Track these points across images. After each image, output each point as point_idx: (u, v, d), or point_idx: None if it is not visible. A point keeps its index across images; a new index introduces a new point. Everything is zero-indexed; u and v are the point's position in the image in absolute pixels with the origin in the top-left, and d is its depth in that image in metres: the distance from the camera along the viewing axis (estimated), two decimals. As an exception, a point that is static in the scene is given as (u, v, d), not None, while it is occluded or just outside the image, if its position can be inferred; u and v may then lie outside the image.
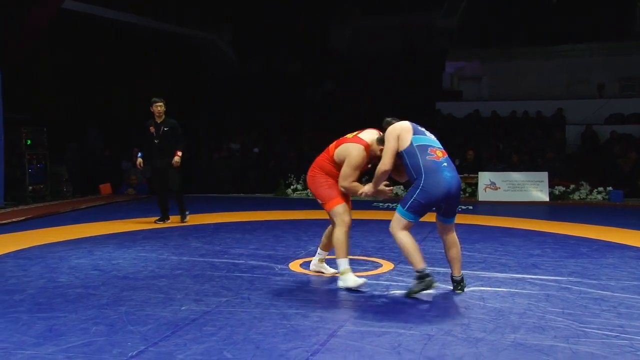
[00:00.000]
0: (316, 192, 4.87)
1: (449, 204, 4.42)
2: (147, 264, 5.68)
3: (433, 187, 4.29)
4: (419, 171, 4.35)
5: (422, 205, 4.35)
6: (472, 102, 18.49)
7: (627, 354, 3.26)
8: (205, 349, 3.33)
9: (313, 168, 4.95)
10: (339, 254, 4.69)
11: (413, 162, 4.38)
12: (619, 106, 16.79)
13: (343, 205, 4.74)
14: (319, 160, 4.93)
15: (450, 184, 4.33)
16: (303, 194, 13.44)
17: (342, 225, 4.69)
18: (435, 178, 4.31)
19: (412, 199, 4.35)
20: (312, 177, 4.92)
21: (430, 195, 4.30)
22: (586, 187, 12.29)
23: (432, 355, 3.24)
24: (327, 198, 4.77)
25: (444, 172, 4.35)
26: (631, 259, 5.94)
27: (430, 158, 4.38)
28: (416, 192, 4.33)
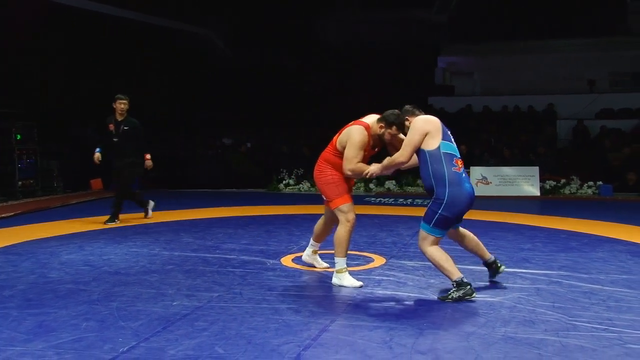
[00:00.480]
0: (322, 188, 4.80)
1: (464, 213, 4.43)
2: (139, 260, 5.66)
3: (457, 200, 4.25)
4: (443, 181, 4.26)
5: (448, 220, 4.30)
6: (464, 97, 18.52)
7: (615, 347, 3.28)
8: (197, 344, 3.33)
9: (320, 163, 4.88)
10: (339, 252, 4.67)
11: (436, 168, 4.29)
12: (609, 101, 16.88)
13: (349, 205, 4.71)
14: (325, 154, 4.87)
15: (471, 195, 4.34)
16: (295, 189, 13.44)
17: (346, 224, 4.67)
18: (459, 191, 4.27)
19: (437, 214, 4.27)
20: (319, 172, 4.85)
21: (455, 208, 4.27)
22: (577, 181, 12.34)
23: (423, 350, 3.25)
24: (333, 196, 4.72)
25: (465, 184, 4.33)
26: (620, 252, 5.98)
27: (454, 170, 4.31)
28: (441, 207, 4.25)
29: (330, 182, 4.75)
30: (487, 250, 4.66)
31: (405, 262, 5.53)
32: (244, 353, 3.21)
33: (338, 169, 4.75)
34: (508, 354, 3.19)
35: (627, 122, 15.67)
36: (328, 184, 4.76)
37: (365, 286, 4.64)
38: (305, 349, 3.27)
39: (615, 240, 6.69)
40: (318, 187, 4.89)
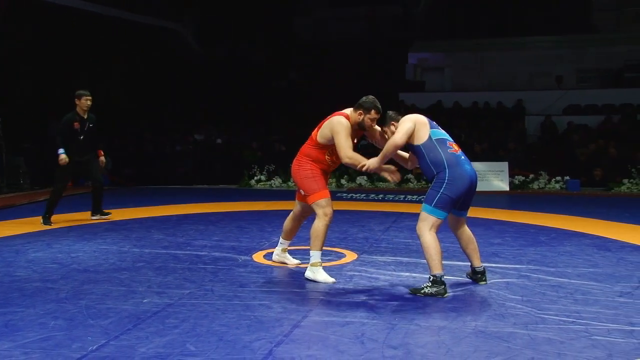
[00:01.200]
0: (300, 182, 4.79)
1: (468, 197, 4.39)
2: (108, 257, 5.59)
3: (458, 180, 4.24)
4: (442, 165, 4.27)
5: (451, 200, 4.26)
6: (435, 93, 18.67)
7: (582, 339, 3.35)
8: (168, 342, 3.30)
9: (299, 157, 4.86)
10: (315, 245, 4.67)
11: (433, 156, 4.30)
12: (576, 97, 17.19)
13: (327, 199, 4.70)
14: (304, 149, 4.86)
15: (472, 177, 4.32)
16: (267, 185, 13.40)
17: (324, 218, 4.66)
18: (459, 171, 4.27)
19: (439, 194, 4.24)
20: (298, 166, 4.84)
21: (457, 188, 4.24)
22: (545, 176, 12.56)
23: (395, 344, 3.27)
24: (311, 190, 4.71)
25: (465, 165, 4.33)
26: (587, 246, 6.10)
27: (450, 151, 4.33)
28: (443, 186, 4.24)
29: (309, 176, 4.75)
30: (480, 259, 4.63)
31: (377, 257, 5.56)
32: (216, 350, 3.19)
33: (317, 163, 4.76)
34: (478, 347, 3.23)
35: (594, 118, 15.99)
36: (307, 178, 4.75)
37: (337, 282, 4.65)
38: (278, 345, 3.26)
39: (582, 234, 6.82)
40: (296, 181, 4.87)
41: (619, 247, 6.04)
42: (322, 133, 4.72)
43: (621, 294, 4.26)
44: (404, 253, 5.75)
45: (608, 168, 12.63)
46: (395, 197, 11.15)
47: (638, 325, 3.57)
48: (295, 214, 5.16)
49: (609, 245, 6.14)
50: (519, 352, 3.15)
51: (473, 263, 4.62)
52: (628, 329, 3.52)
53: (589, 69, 18.98)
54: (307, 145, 4.85)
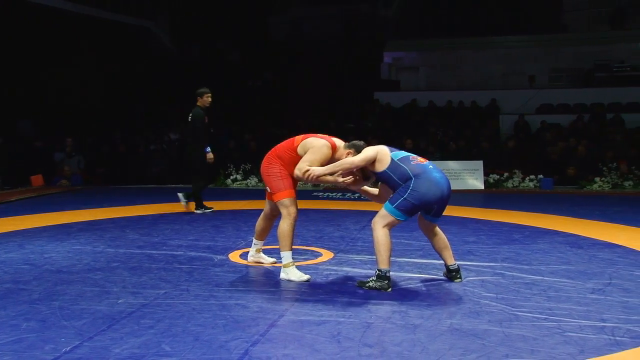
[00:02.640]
0: (268, 180, 4.79)
1: (441, 204, 4.44)
2: (82, 257, 5.51)
3: (424, 188, 4.29)
4: (408, 175, 4.34)
5: (413, 205, 4.33)
6: (409, 92, 18.77)
7: (555, 335, 3.40)
8: (143, 342, 3.27)
9: (271, 157, 4.83)
10: (284, 246, 4.66)
11: (399, 173, 4.37)
12: (548, 96, 17.44)
13: (292, 199, 4.70)
14: (279, 151, 4.81)
15: (442, 184, 4.36)
16: (243, 184, 13.34)
17: (288, 218, 4.66)
18: (426, 179, 4.32)
19: (401, 198, 4.32)
20: (267, 164, 4.82)
21: (422, 195, 4.29)
22: (519, 175, 12.70)
23: (371, 343, 3.29)
24: (277, 189, 4.71)
25: (432, 173, 4.38)
26: (560, 244, 6.19)
27: (414, 163, 4.41)
28: (407, 193, 4.31)
29: (277, 175, 4.74)
30: (453, 257, 4.68)
31: (353, 256, 5.57)
32: (192, 350, 3.17)
33: (288, 167, 4.74)
34: (454, 345, 3.26)
35: (566, 117, 16.23)
36: (275, 176, 4.74)
37: (313, 281, 4.65)
38: (254, 344, 3.26)
39: (555, 232, 6.92)
40: (263, 178, 4.86)
41: (591, 245, 6.15)
42: (304, 145, 4.70)
43: (593, 291, 4.34)
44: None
45: (580, 166, 12.83)
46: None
47: (609, 322, 3.63)
48: (265, 214, 5.15)
49: (581, 243, 6.24)
50: (493, 349, 3.19)
51: (446, 262, 4.67)
52: (599, 325, 3.58)
53: (560, 69, 19.28)
54: (284, 148, 4.80)
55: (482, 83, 19.18)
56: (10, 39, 14.73)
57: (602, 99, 16.87)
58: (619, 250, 5.86)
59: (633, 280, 4.64)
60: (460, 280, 4.63)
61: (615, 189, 12.06)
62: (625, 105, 16.60)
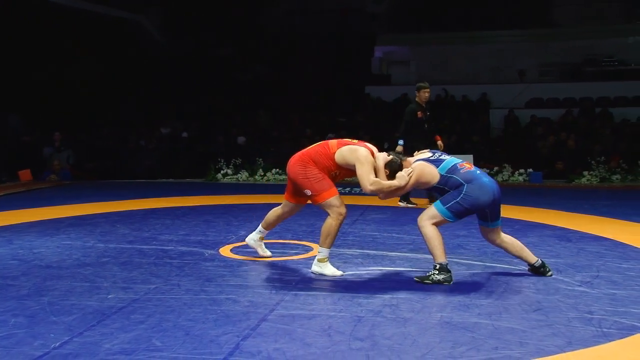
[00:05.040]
0: (307, 183, 4.65)
1: (493, 208, 4.49)
2: (72, 252, 5.49)
3: (477, 192, 4.36)
4: (459, 183, 4.41)
5: (465, 209, 4.40)
6: (400, 86, 18.75)
7: (543, 327, 3.43)
8: (134, 337, 3.27)
9: (304, 159, 4.71)
10: (326, 243, 4.62)
11: (451, 183, 4.44)
12: (538, 91, 17.51)
13: (337, 197, 4.65)
14: (315, 154, 4.71)
15: (493, 188, 4.42)
16: (233, 179, 13.33)
17: (338, 217, 4.61)
18: (477, 184, 4.39)
19: (454, 201, 4.39)
20: (302, 167, 4.68)
21: (474, 199, 4.36)
22: (508, 169, 12.76)
23: (361, 336, 3.30)
24: (320, 190, 4.63)
25: (482, 178, 4.46)
26: (549, 237, 6.24)
27: (464, 171, 4.48)
28: (459, 197, 4.37)
29: (318, 177, 4.65)
30: (532, 254, 4.69)
31: (344, 250, 5.58)
32: (182, 345, 3.17)
33: (323, 171, 4.68)
34: (444, 338, 3.28)
35: (555, 111, 16.31)
36: (315, 178, 4.64)
37: (304, 275, 4.66)
38: (244, 339, 3.26)
39: (544, 226, 6.96)
40: (299, 181, 4.70)
41: (579, 238, 6.19)
42: (343, 154, 4.64)
43: (581, 284, 4.37)
44: (371, 246, 5.79)
45: (568, 160, 12.91)
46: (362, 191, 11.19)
47: (596, 314, 3.67)
48: (282, 212, 5.09)
49: (570, 236, 6.29)
50: (483, 342, 3.21)
51: (529, 262, 4.68)
52: (587, 317, 3.61)
53: (550, 63, 19.34)
54: (320, 152, 4.71)
55: (472, 77, 19.21)
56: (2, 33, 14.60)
57: (590, 93, 16.96)
58: (606, 243, 5.91)
59: (620, 273, 4.68)
60: (551, 273, 4.61)
61: (604, 182, 12.15)
62: (613, 100, 16.71)
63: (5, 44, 14.82)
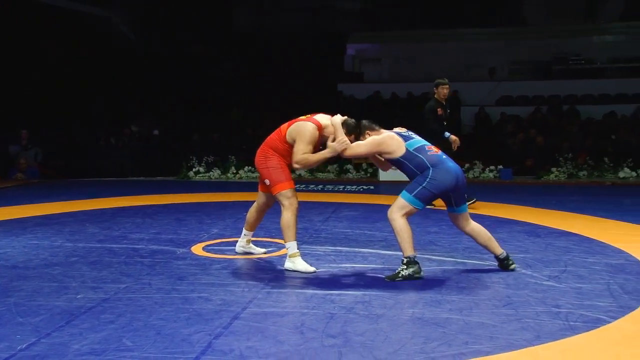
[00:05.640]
0: (266, 172, 4.77)
1: (457, 192, 4.56)
2: (39, 252, 5.40)
3: (442, 177, 4.43)
4: (425, 166, 4.47)
5: (432, 194, 4.46)
6: (373, 84, 18.85)
7: (513, 322, 3.48)
8: (103, 338, 3.23)
9: (264, 148, 4.84)
10: (289, 236, 4.66)
11: (416, 162, 4.49)
12: (508, 88, 17.74)
13: (291, 190, 4.71)
14: (271, 141, 4.84)
15: (456, 172, 4.50)
16: (206, 177, 13.24)
17: (290, 208, 4.66)
18: (442, 168, 4.46)
19: (420, 187, 4.43)
20: (263, 157, 4.81)
21: (439, 184, 4.42)
22: (479, 165, 12.91)
23: (334, 333, 3.31)
24: (278, 180, 4.71)
25: (448, 162, 4.53)
26: (519, 233, 6.33)
27: (431, 154, 4.54)
28: (425, 181, 4.43)
29: (277, 166, 4.74)
30: (499, 246, 4.74)
31: (316, 247, 5.59)
32: (153, 344, 3.14)
33: (283, 157, 4.77)
34: (416, 333, 3.31)
35: (525, 108, 16.55)
36: (274, 168, 4.74)
37: (277, 273, 4.65)
38: (217, 337, 3.25)
39: (514, 222, 7.06)
40: (261, 171, 4.85)
41: (548, 233, 6.30)
42: (291, 133, 4.73)
43: (549, 278, 4.45)
44: (344, 243, 5.81)
45: (537, 157, 13.11)
46: (335, 188, 11.22)
47: (563, 307, 3.73)
48: (259, 205, 5.14)
49: (539, 232, 6.39)
50: (454, 337, 3.24)
51: (495, 253, 4.73)
52: (555, 310, 3.68)
53: (520, 61, 19.60)
54: (275, 139, 4.83)
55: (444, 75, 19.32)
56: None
57: (558, 91, 17.25)
58: (574, 238, 6.02)
59: (586, 267, 4.78)
60: (514, 266, 4.69)
61: (571, 178, 12.37)
62: (580, 98, 17.03)
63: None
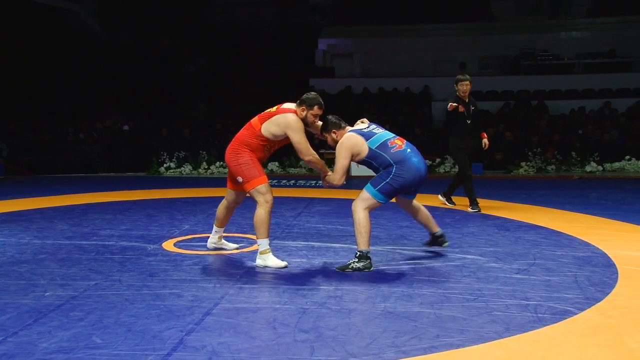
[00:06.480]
0: (239, 169, 4.72)
1: (419, 185, 4.68)
2: (6, 249, 5.29)
3: (405, 173, 4.52)
4: (389, 163, 4.55)
5: (394, 189, 4.54)
6: (344, 79, 18.90)
7: (483, 315, 3.52)
8: (72, 336, 3.18)
9: (235, 145, 4.78)
10: (262, 233, 4.64)
11: (380, 161, 4.58)
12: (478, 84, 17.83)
13: (266, 185, 4.68)
14: (242, 138, 4.78)
15: (419, 169, 4.59)
16: (177, 173, 13.13)
17: (265, 205, 4.64)
18: (406, 165, 4.54)
19: (384, 182, 4.52)
20: (234, 154, 4.75)
21: (403, 180, 4.52)
22: (450, 160, 13.03)
23: (306, 328, 3.31)
24: (251, 176, 4.67)
25: (411, 159, 4.59)
26: (489, 227, 6.41)
27: (394, 150, 4.59)
28: (389, 177, 4.52)
29: (248, 162, 4.70)
30: (436, 224, 4.99)
31: (288, 242, 5.59)
32: (124, 341, 3.11)
33: (255, 152, 4.75)
34: (387, 327, 3.33)
35: (494, 103, 16.75)
36: (247, 164, 4.70)
37: (248, 268, 4.64)
38: (189, 333, 3.23)
39: (485, 216, 7.15)
40: (232, 168, 4.79)
41: (517, 227, 6.39)
42: (269, 128, 4.69)
43: (518, 271, 4.52)
44: (316, 238, 5.81)
45: (507, 151, 13.29)
46: (307, 183, 11.23)
47: (532, 300, 3.80)
48: (228, 202, 5.12)
49: (508, 225, 6.48)
50: (425, 330, 3.27)
51: (431, 230, 4.97)
52: (524, 303, 3.74)
53: (489, 56, 19.84)
54: (247, 134, 4.78)
55: (415, 70, 19.50)
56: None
57: (527, 86, 17.50)
58: (542, 231, 6.12)
59: (555, 260, 4.86)
60: (447, 243, 4.92)
61: (540, 173, 12.57)
62: (549, 93, 17.30)
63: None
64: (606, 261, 4.82)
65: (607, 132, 13.91)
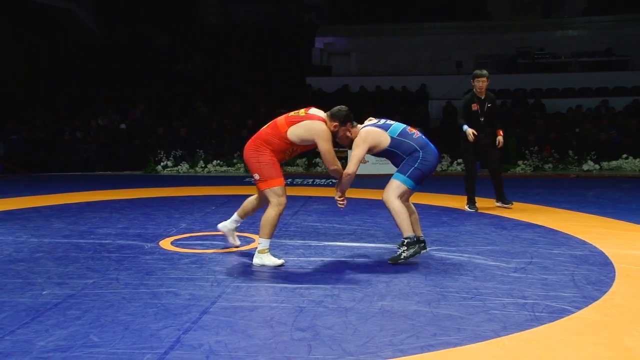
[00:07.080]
0: (257, 166, 4.64)
1: (434, 170, 4.81)
2: (3, 248, 5.29)
3: (430, 157, 4.65)
4: (414, 149, 4.63)
5: (423, 174, 4.64)
6: (341, 77, 18.89)
7: (480, 313, 3.53)
8: (70, 334, 3.18)
9: (257, 142, 4.69)
10: (265, 233, 4.62)
11: (405, 148, 4.65)
12: (475, 82, 17.90)
13: (282, 188, 4.64)
14: (265, 136, 4.68)
15: (437, 154, 4.74)
16: (174, 171, 13.12)
17: (277, 206, 4.61)
18: (430, 150, 4.68)
19: (413, 168, 4.61)
20: (255, 151, 4.66)
21: (430, 164, 4.65)
22: (447, 159, 13.04)
23: (303, 327, 3.32)
24: (269, 176, 4.61)
25: (430, 144, 4.72)
26: (486, 225, 6.42)
27: (416, 136, 4.71)
28: (417, 162, 4.61)
29: (269, 162, 4.64)
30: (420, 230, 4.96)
31: (285, 241, 5.59)
32: (121, 340, 3.11)
33: (277, 153, 4.67)
34: (384, 326, 3.33)
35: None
36: (266, 163, 4.63)
37: (245, 267, 4.64)
38: (186, 332, 3.23)
39: (481, 214, 7.16)
40: (251, 165, 4.70)
41: (514, 225, 6.40)
42: (298, 133, 4.60)
43: (515, 270, 4.52)
44: (313, 236, 5.82)
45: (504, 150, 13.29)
46: (304, 182, 11.23)
47: (530, 298, 3.80)
48: (259, 200, 5.05)
49: (505, 224, 6.49)
50: (422, 329, 3.28)
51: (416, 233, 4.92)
52: (521, 302, 3.74)
53: (485, 55, 19.85)
54: (270, 134, 4.68)
55: (411, 69, 19.51)
56: None
57: (524, 85, 17.51)
58: (539, 230, 6.13)
59: (551, 259, 4.87)
60: (426, 250, 4.89)
61: (537, 171, 12.59)
62: (545, 91, 17.32)
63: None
64: (603, 260, 4.83)
65: (604, 130, 13.94)
